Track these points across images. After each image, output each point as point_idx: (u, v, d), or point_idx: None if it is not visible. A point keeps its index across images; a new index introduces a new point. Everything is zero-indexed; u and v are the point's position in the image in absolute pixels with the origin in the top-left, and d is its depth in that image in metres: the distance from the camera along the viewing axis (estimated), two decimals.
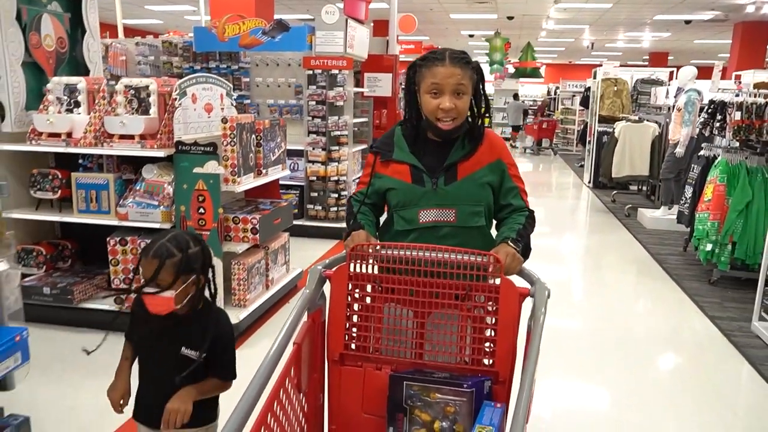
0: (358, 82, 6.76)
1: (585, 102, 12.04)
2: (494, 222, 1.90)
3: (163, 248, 1.66)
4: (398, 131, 1.85)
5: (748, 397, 3.15)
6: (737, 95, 4.93)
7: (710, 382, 3.25)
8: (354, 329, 1.65)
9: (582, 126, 12.71)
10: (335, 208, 6.06)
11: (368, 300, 1.65)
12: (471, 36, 17.46)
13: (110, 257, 3.49)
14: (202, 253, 1.74)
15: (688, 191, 5.51)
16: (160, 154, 3.40)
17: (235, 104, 4.09)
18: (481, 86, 1.76)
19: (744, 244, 4.58)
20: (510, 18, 13.87)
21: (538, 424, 2.75)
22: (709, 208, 4.80)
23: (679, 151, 6.40)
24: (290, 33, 5.65)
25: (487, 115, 1.80)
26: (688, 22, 13.37)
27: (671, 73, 10.15)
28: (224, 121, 3.46)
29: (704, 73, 7.93)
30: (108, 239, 3.48)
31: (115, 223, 3.50)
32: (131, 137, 3.51)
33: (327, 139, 5.89)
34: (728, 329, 3.93)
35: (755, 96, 4.73)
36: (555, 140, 15.98)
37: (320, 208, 6.07)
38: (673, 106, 6.93)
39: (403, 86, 1.83)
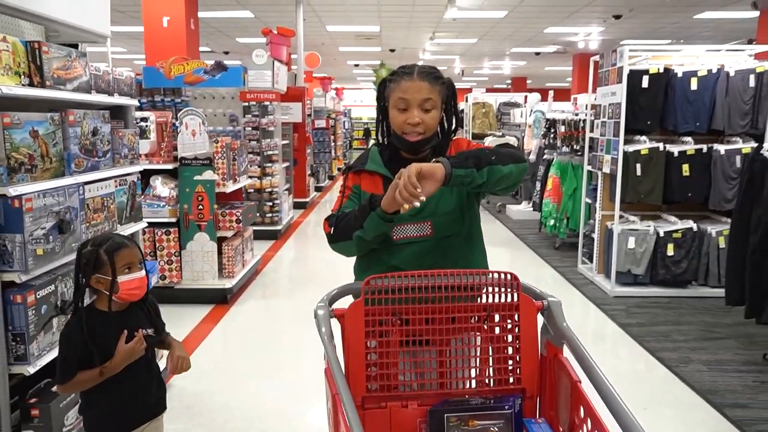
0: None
1: (460, 123, 14.31)
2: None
3: (124, 238, 1.85)
4: (374, 149, 1.84)
5: (573, 302, 5.09)
6: (562, 113, 7.11)
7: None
8: (373, 368, 1.54)
9: None
10: (270, 214, 7.49)
11: (385, 335, 1.54)
12: (356, 65, 19.48)
13: None
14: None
15: (538, 186, 7.62)
16: (168, 167, 4.75)
17: (207, 130, 5.48)
18: (452, 102, 1.78)
19: (574, 217, 6.67)
20: (392, 50, 16.01)
21: None
22: (550, 195, 6.88)
23: (532, 158, 8.57)
24: (227, 72, 7.06)
25: (455, 130, 1.82)
26: (537, 53, 16.27)
27: (525, 97, 12.63)
28: (216, 141, 4.88)
29: (557, 94, 10.24)
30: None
31: None
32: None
33: (261, 158, 7.33)
34: (564, 272, 5.95)
35: (572, 114, 6.91)
36: None
37: (258, 214, 7.46)
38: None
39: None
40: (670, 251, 4.98)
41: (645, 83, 4.91)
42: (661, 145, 4.99)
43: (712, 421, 3.05)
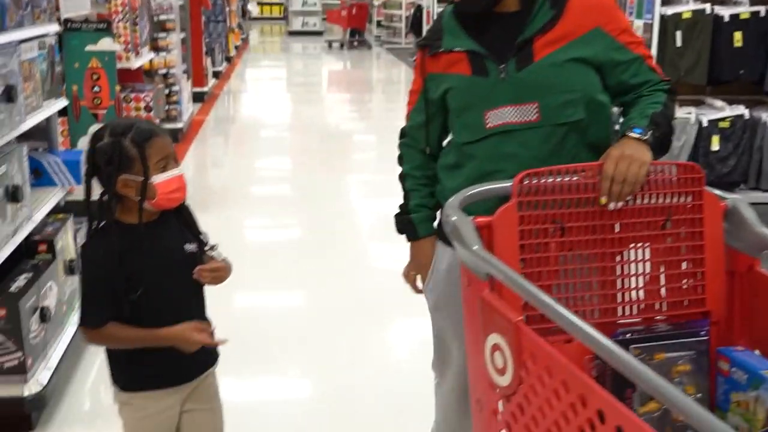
0: None
1: None
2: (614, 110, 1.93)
3: (151, 124, 1.98)
4: (447, 12, 1.91)
5: None
6: None
7: None
8: None
9: (412, 10, 15.09)
10: (166, 107, 7.60)
11: (542, 248, 1.64)
12: None
13: None
14: None
15: None
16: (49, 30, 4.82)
17: None
18: None
19: None
20: None
21: None
22: None
23: None
24: None
25: None
26: None
27: None
28: None
29: None
30: None
31: None
32: None
33: (150, 24, 7.35)
34: None
35: None
36: (377, 31, 18.59)
37: None
38: None
39: None
40: (715, 145, 5.61)
41: None
42: (707, 6, 5.52)
43: None
